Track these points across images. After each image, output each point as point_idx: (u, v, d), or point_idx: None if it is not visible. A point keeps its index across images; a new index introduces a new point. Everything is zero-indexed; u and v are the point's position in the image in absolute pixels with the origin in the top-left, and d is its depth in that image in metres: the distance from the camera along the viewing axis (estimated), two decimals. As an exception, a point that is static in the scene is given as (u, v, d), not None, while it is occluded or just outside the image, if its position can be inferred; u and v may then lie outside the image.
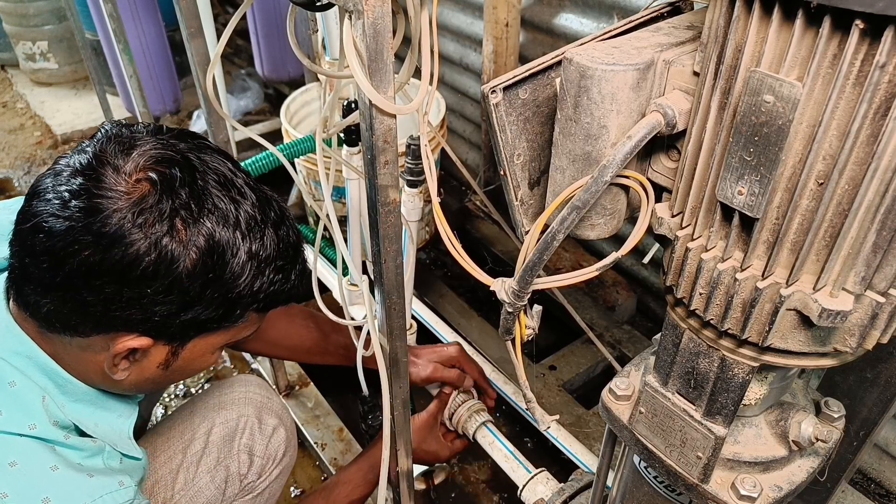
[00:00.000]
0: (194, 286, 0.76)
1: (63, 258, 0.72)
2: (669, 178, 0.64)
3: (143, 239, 0.71)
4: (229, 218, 0.77)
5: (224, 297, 0.79)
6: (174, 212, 0.73)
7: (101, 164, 0.73)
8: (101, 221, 0.70)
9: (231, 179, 0.79)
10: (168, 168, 0.75)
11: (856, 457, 0.96)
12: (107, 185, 0.72)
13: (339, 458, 1.67)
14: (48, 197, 0.73)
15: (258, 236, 0.80)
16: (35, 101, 3.62)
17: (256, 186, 0.83)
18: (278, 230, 0.83)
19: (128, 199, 0.72)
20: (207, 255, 0.75)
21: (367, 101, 0.66)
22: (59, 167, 0.75)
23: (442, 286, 2.27)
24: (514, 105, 0.66)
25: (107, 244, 0.71)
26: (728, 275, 0.57)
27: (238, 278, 0.79)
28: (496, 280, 0.72)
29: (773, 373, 0.68)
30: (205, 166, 0.78)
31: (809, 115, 0.47)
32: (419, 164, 1.34)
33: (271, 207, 0.83)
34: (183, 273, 0.74)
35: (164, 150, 0.76)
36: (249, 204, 0.80)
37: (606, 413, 0.79)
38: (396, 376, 0.96)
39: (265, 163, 1.78)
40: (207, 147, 0.82)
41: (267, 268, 0.81)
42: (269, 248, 0.81)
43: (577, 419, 1.76)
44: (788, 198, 0.51)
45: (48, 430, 0.79)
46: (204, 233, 0.75)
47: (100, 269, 0.72)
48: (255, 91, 3.36)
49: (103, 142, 0.76)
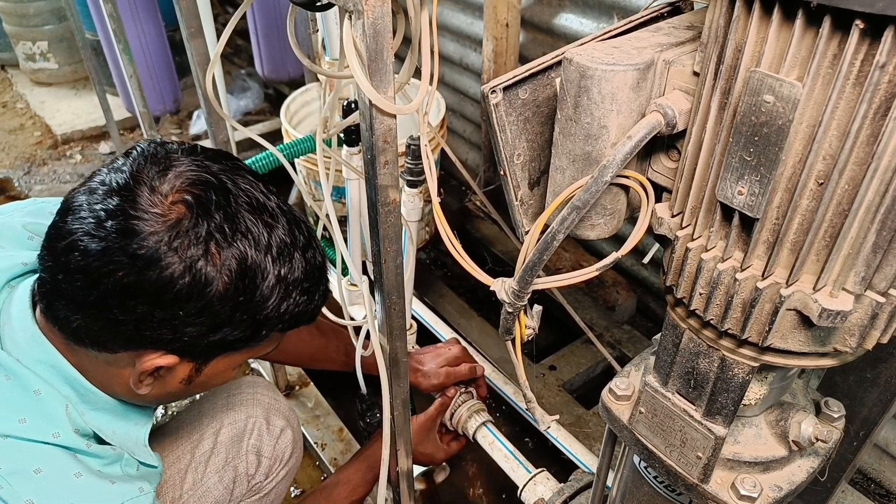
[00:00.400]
0: (224, 309, 0.77)
1: (98, 278, 0.72)
2: (669, 178, 0.64)
3: (178, 262, 0.72)
4: (261, 242, 0.78)
5: (252, 318, 0.80)
6: (209, 235, 0.74)
7: (137, 185, 0.73)
8: (137, 243, 0.71)
9: (263, 203, 0.80)
10: (203, 191, 0.75)
11: (856, 457, 0.96)
12: (143, 206, 0.72)
13: (339, 458, 1.67)
14: (83, 215, 0.73)
15: (287, 260, 0.80)
16: (35, 101, 3.61)
17: (287, 209, 0.84)
18: (306, 253, 0.83)
19: (164, 221, 0.72)
20: (239, 278, 0.76)
21: (367, 102, 0.66)
22: (93, 184, 0.75)
23: (442, 286, 2.27)
24: (514, 105, 0.66)
25: (142, 266, 0.71)
26: (728, 275, 0.57)
27: (266, 301, 0.80)
28: (496, 280, 0.72)
29: (773, 373, 0.68)
30: (238, 189, 0.78)
31: (809, 115, 0.47)
32: (419, 165, 1.34)
33: (300, 230, 0.84)
34: (215, 296, 0.75)
35: (199, 171, 0.77)
36: (280, 228, 0.80)
37: (606, 413, 0.79)
38: (396, 376, 0.96)
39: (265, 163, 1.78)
40: (240, 169, 0.82)
41: (294, 290, 0.82)
42: (296, 271, 0.82)
43: (577, 419, 1.76)
44: (788, 198, 0.51)
45: (71, 438, 0.80)
46: (236, 256, 0.75)
47: (134, 290, 0.73)
48: (255, 91, 3.36)
49: (140, 161, 0.76)
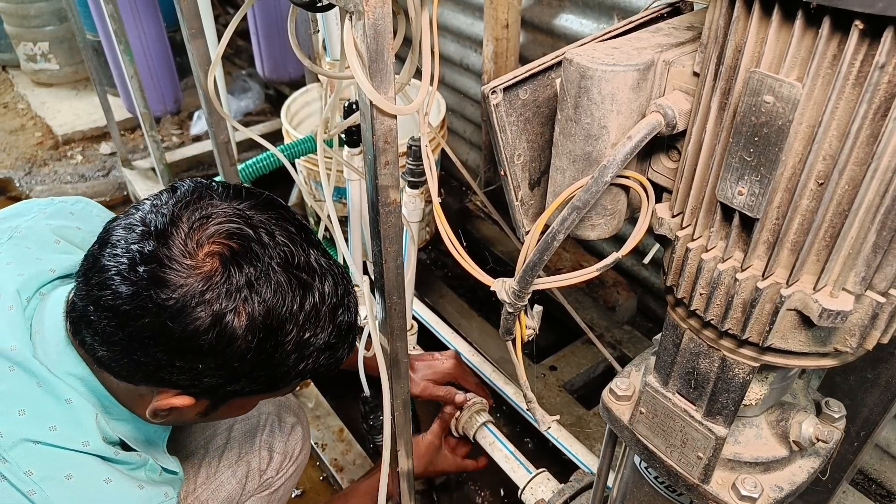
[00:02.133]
0: (244, 365, 0.77)
1: (125, 320, 0.73)
2: (669, 178, 0.64)
3: (204, 317, 0.72)
4: (290, 303, 0.77)
5: (271, 374, 0.81)
6: (238, 292, 0.73)
7: (174, 230, 0.74)
8: (166, 294, 0.71)
9: (299, 260, 0.79)
10: (239, 244, 0.75)
11: (857, 457, 0.96)
12: (176, 255, 0.72)
13: (339, 459, 1.67)
14: (118, 252, 0.74)
15: (315, 323, 0.80)
16: (36, 101, 3.62)
17: (326, 265, 0.82)
18: (336, 314, 0.83)
19: (196, 274, 0.72)
20: (263, 339, 0.76)
21: (367, 102, 0.66)
22: (132, 221, 0.76)
23: (442, 286, 2.27)
24: (515, 106, 0.66)
25: (168, 317, 0.72)
26: (728, 275, 0.57)
27: (287, 359, 0.80)
28: (497, 280, 0.72)
29: (773, 373, 0.68)
30: (275, 244, 0.77)
31: (809, 116, 0.47)
32: (420, 165, 1.34)
33: (336, 289, 0.83)
34: (236, 353, 0.75)
35: (238, 223, 0.76)
36: (314, 288, 0.79)
37: (607, 413, 0.79)
38: (397, 377, 0.96)
39: (266, 163, 1.79)
40: (283, 219, 0.81)
41: (318, 353, 0.83)
42: (323, 335, 0.82)
43: (578, 419, 1.76)
44: (788, 198, 0.51)
45: (100, 446, 0.82)
46: (263, 316, 0.75)
47: (158, 337, 0.73)
48: (256, 92, 3.37)
49: (181, 204, 0.76)
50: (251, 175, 1.79)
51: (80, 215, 1.04)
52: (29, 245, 0.92)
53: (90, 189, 3.00)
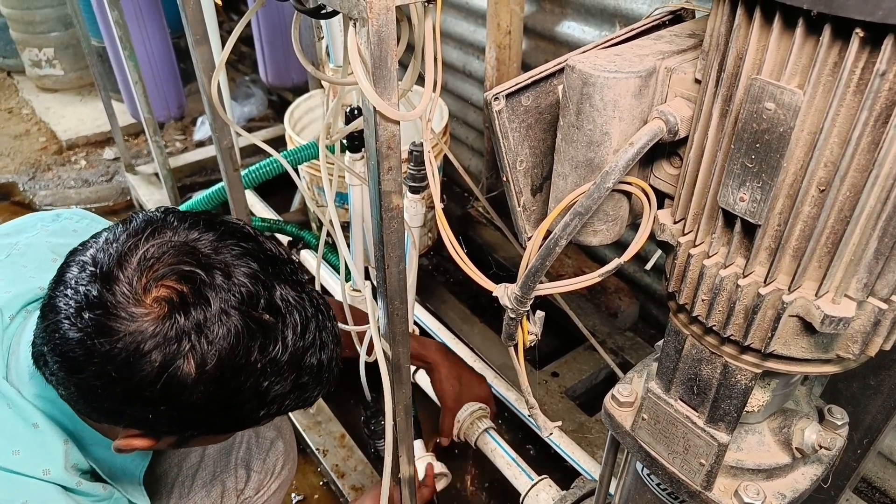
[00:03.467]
0: (199, 413, 0.75)
1: (74, 367, 0.71)
2: (671, 184, 0.64)
3: (150, 368, 0.69)
4: (248, 352, 0.72)
5: (231, 419, 0.79)
6: (187, 340, 0.69)
7: (122, 272, 0.70)
8: (110, 343, 0.68)
9: (259, 303, 0.73)
10: (189, 288, 0.70)
11: (860, 465, 0.96)
12: (122, 302, 0.69)
13: (340, 465, 1.67)
14: (68, 293, 0.71)
15: (275, 371, 0.75)
16: (40, 107, 3.63)
17: (294, 302, 0.76)
18: (302, 358, 0.78)
19: (142, 322, 0.69)
20: (216, 389, 0.72)
21: (370, 108, 0.66)
22: (85, 258, 0.72)
23: (444, 292, 2.27)
24: (517, 112, 0.66)
25: (114, 368, 0.69)
26: (730, 281, 0.57)
27: (246, 405, 0.76)
28: (499, 286, 0.73)
29: (775, 379, 0.68)
30: (229, 285, 0.72)
31: (810, 123, 0.47)
32: (422, 170, 1.34)
33: (302, 332, 0.77)
34: (189, 402, 0.72)
35: (191, 264, 0.71)
36: (278, 332, 0.74)
37: (609, 420, 0.79)
38: (399, 382, 0.96)
39: (269, 169, 1.79)
40: (246, 254, 0.75)
41: (281, 400, 0.79)
42: (285, 384, 0.77)
43: (580, 426, 1.76)
44: (790, 204, 0.51)
45: (61, 475, 0.80)
46: (215, 365, 0.71)
47: (107, 387, 0.71)
48: (259, 97, 3.38)
49: (130, 245, 0.72)
50: (254, 180, 1.80)
51: (84, 234, 0.98)
52: (25, 263, 0.91)
53: (94, 194, 3.01)
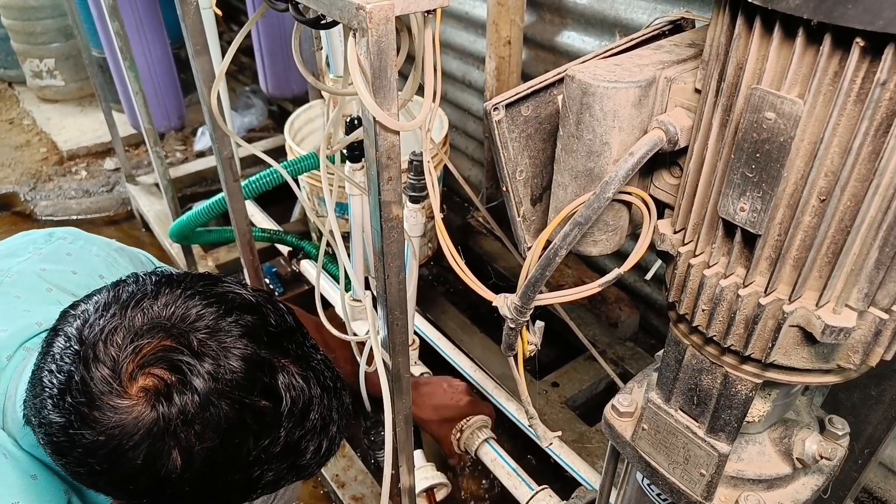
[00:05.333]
0: (188, 500, 0.72)
1: (58, 451, 0.69)
2: (671, 194, 0.64)
3: (134, 460, 0.65)
4: (240, 442, 0.68)
5: (223, 500, 0.75)
6: (173, 433, 0.65)
7: (105, 355, 0.66)
8: (93, 435, 0.65)
9: (253, 387, 0.68)
10: (177, 378, 0.66)
11: (860, 475, 0.95)
12: (104, 391, 0.65)
13: (340, 475, 1.66)
14: (53, 369, 0.67)
15: (269, 461, 0.71)
16: (41, 117, 3.64)
17: (299, 381, 0.71)
18: (301, 445, 0.73)
19: (125, 413, 0.65)
20: (205, 479, 0.69)
21: (370, 118, 0.67)
22: (71, 331, 0.68)
23: (444, 302, 2.27)
24: (517, 122, 0.66)
25: (97, 460, 0.66)
26: (730, 291, 0.57)
27: (236, 491, 0.73)
28: (499, 296, 0.72)
29: (776, 389, 0.68)
30: (217, 371, 0.66)
31: (811, 132, 0.47)
32: (421, 180, 1.35)
33: (310, 410, 0.72)
34: (175, 493, 0.69)
35: (178, 348, 0.66)
36: (271, 423, 0.69)
37: (609, 430, 0.79)
38: (399, 392, 0.95)
39: (269, 179, 1.79)
40: (239, 325, 0.69)
41: (274, 483, 0.74)
42: (278, 472, 0.73)
43: (580, 436, 1.75)
44: (790, 214, 0.51)
45: None
46: (203, 459, 0.67)
47: (91, 474, 0.69)
48: (259, 108, 3.39)
49: (116, 319, 0.67)
50: (255, 191, 1.80)
51: (78, 257, 0.98)
52: (19, 293, 0.88)
53: (94, 205, 3.01)
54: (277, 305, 0.76)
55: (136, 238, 2.86)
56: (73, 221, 2.98)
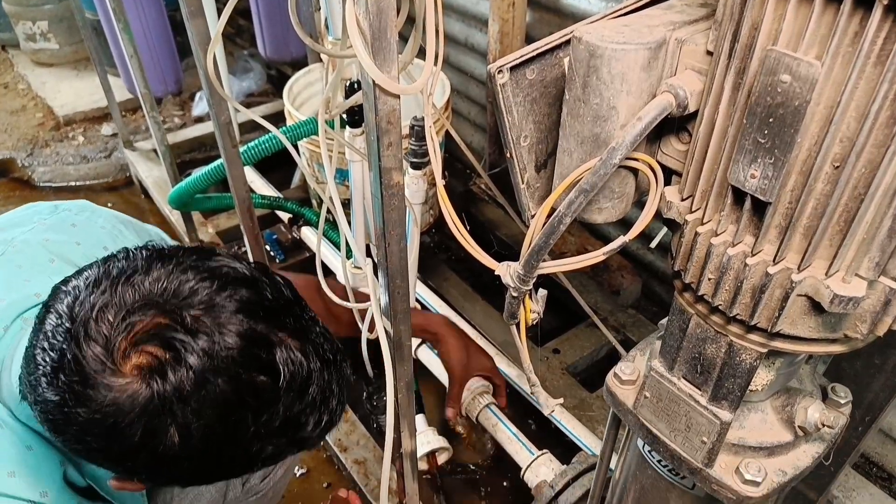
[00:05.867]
0: (189, 477, 0.72)
1: (55, 428, 0.68)
2: (679, 160, 0.63)
3: (131, 437, 0.65)
4: (238, 420, 0.67)
5: (223, 476, 0.75)
6: (169, 410, 0.64)
7: (98, 332, 0.64)
8: (88, 413, 0.64)
9: (251, 363, 0.67)
10: (171, 356, 0.64)
11: (860, 442, 0.95)
12: (97, 370, 0.64)
13: (343, 439, 1.68)
14: (46, 346, 0.66)
15: (269, 435, 0.70)
16: (36, 81, 3.59)
17: (298, 356, 0.69)
18: (301, 419, 0.72)
19: (120, 393, 0.64)
20: (204, 455, 0.68)
21: (370, 81, 0.65)
22: (62, 308, 0.66)
23: (446, 270, 2.27)
24: (521, 85, 0.64)
25: (94, 436, 0.66)
26: (738, 260, 0.56)
27: (236, 465, 0.73)
28: (501, 264, 0.72)
29: (780, 359, 0.68)
30: (212, 348, 0.65)
31: (827, 96, 0.46)
32: (423, 146, 1.33)
33: (309, 385, 0.71)
34: (175, 468, 0.69)
35: (172, 325, 0.65)
36: (269, 399, 0.68)
37: (611, 397, 0.79)
38: (400, 359, 0.95)
39: (268, 145, 1.77)
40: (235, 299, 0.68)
41: (274, 456, 0.74)
42: (279, 446, 0.72)
43: (581, 402, 1.76)
44: (803, 181, 0.50)
45: (60, 497, 0.78)
46: (201, 435, 0.66)
47: (89, 451, 0.68)
48: (258, 72, 3.34)
49: (106, 296, 0.66)
50: (254, 157, 1.78)
51: (83, 228, 0.97)
52: (21, 263, 0.87)
53: (93, 171, 2.99)
54: (273, 278, 0.74)
55: (135, 205, 2.84)
56: (71, 188, 2.96)
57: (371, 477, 1.60)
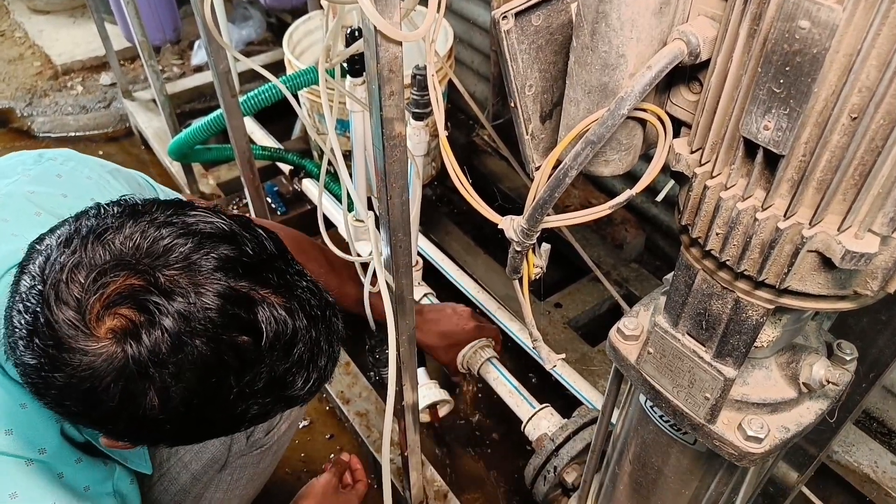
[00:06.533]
0: (174, 438, 0.71)
1: (36, 391, 0.67)
2: (689, 111, 0.61)
3: (109, 400, 0.63)
4: (220, 381, 0.65)
5: (209, 436, 0.74)
6: (146, 374, 0.63)
7: (69, 294, 0.62)
8: (66, 378, 0.63)
9: (230, 322, 0.64)
10: (146, 317, 0.62)
11: (864, 398, 0.95)
12: (70, 334, 0.62)
13: (345, 392, 1.70)
14: (21, 309, 0.64)
15: (254, 395, 0.68)
16: (33, 29, 3.52)
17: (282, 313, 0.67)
18: (287, 379, 0.70)
19: (95, 357, 0.62)
20: (186, 418, 0.67)
21: (371, 28, 0.63)
22: (34, 269, 0.65)
23: (448, 223, 2.25)
24: (527, 32, 0.62)
25: (73, 400, 0.65)
26: (748, 214, 0.55)
27: (221, 425, 0.72)
28: (505, 218, 0.70)
29: (787, 315, 0.67)
30: (188, 307, 0.63)
31: (847, 43, 0.43)
32: (425, 96, 1.30)
33: (294, 343, 0.69)
34: (158, 430, 0.68)
35: (146, 287, 0.62)
36: (252, 359, 0.67)
37: (614, 353, 0.79)
38: (402, 313, 0.95)
39: (268, 95, 1.74)
40: (213, 256, 0.66)
41: (262, 416, 0.72)
42: (264, 406, 0.71)
43: (582, 356, 1.77)
44: (818, 133, 0.48)
45: (58, 454, 0.77)
46: (181, 396, 0.65)
47: (71, 415, 0.67)
48: (257, 20, 3.26)
49: (77, 256, 0.64)
50: (253, 107, 1.75)
51: (68, 179, 0.94)
52: (6, 216, 0.84)
53: (92, 121, 2.95)
54: (255, 231, 0.72)
55: (135, 156, 2.82)
56: (71, 138, 2.92)
57: (373, 429, 1.62)
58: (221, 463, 1.15)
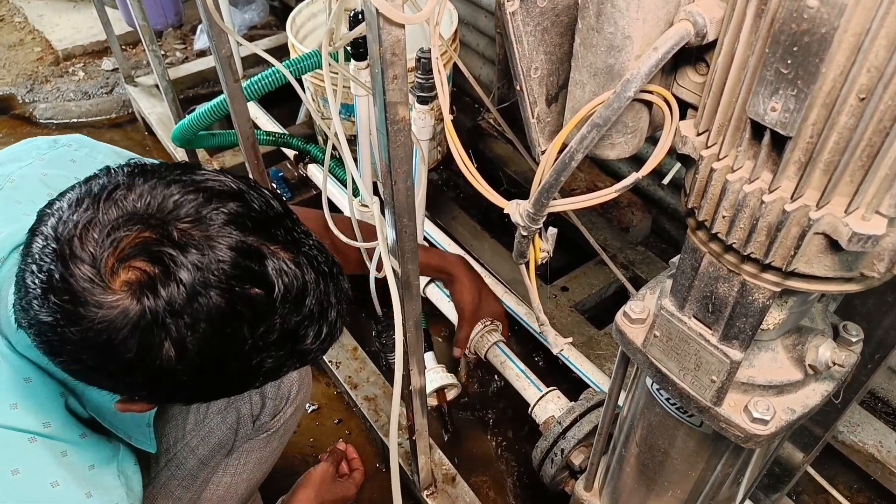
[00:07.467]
0: (191, 390, 0.72)
1: (51, 350, 0.68)
2: (696, 93, 0.60)
3: (126, 353, 0.65)
4: (234, 332, 0.67)
5: (224, 391, 0.76)
6: (163, 324, 0.64)
7: (82, 251, 0.64)
8: (82, 332, 0.64)
9: (243, 275, 0.66)
10: (161, 270, 0.64)
11: (869, 379, 0.96)
12: (87, 288, 0.63)
13: (353, 377, 1.71)
14: (34, 269, 0.65)
15: (268, 348, 0.70)
16: (33, 14, 3.50)
17: (292, 267, 0.69)
18: (300, 331, 0.72)
19: (112, 310, 0.63)
20: (202, 368, 0.68)
21: (373, 10, 0.62)
22: (46, 229, 0.66)
23: (454, 207, 2.25)
24: (532, 14, 0.61)
25: (90, 355, 0.66)
26: (754, 197, 0.54)
27: (237, 378, 0.73)
28: (511, 202, 0.70)
29: (793, 297, 0.67)
30: (209, 261, 0.64)
31: (856, 23, 0.43)
32: (430, 79, 1.29)
33: (305, 296, 0.70)
34: (175, 382, 0.69)
35: (160, 240, 0.64)
36: (265, 311, 0.68)
37: (620, 336, 0.79)
38: (408, 298, 0.95)
39: (272, 80, 1.73)
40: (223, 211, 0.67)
41: (275, 370, 0.74)
42: (278, 359, 0.72)
43: (589, 339, 1.77)
44: (826, 114, 0.47)
45: (63, 429, 0.78)
46: (197, 348, 0.66)
47: (88, 370, 0.68)
48: (260, 3, 3.24)
49: (89, 213, 0.65)
50: (257, 92, 1.74)
51: (82, 164, 0.96)
52: (19, 198, 0.86)
53: (94, 107, 2.95)
54: (261, 191, 0.73)
55: (139, 142, 2.82)
56: (73, 125, 2.92)
57: (381, 413, 1.63)
58: (228, 447, 1.16)
